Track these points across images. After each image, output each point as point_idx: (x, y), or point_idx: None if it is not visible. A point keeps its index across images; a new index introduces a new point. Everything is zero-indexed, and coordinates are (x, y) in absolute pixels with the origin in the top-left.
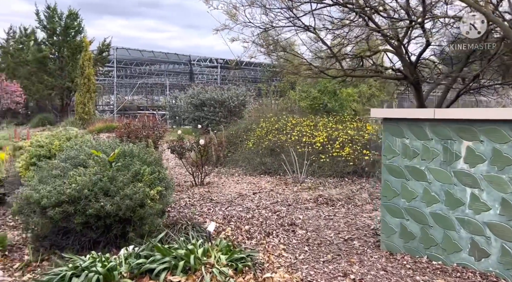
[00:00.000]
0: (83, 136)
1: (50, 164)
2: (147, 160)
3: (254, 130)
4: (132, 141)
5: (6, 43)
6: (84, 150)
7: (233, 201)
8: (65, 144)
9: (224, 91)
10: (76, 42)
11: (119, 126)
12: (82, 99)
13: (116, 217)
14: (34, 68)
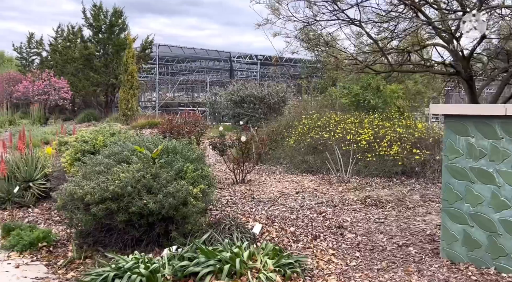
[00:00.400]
0: (126, 132)
1: (94, 160)
2: (190, 157)
3: (296, 127)
4: (174, 137)
5: (55, 41)
6: (127, 146)
7: (275, 200)
8: (109, 139)
9: (264, 87)
10: (120, 40)
11: (161, 123)
12: (126, 96)
13: (159, 215)
14: (81, 65)
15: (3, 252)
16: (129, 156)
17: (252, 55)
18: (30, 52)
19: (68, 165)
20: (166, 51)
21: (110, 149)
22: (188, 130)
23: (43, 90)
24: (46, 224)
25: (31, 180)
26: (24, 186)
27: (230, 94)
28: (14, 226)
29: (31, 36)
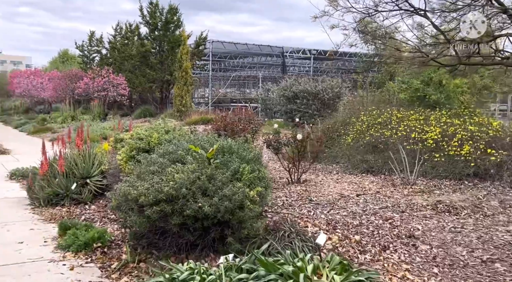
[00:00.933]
0: (181, 129)
1: (149, 159)
2: (247, 157)
3: (353, 125)
4: (228, 134)
5: (114, 39)
6: (182, 145)
7: (335, 203)
8: (163, 137)
9: (318, 83)
10: (175, 37)
11: (215, 119)
12: (180, 92)
13: (214, 219)
14: (137, 62)
15: (59, 251)
16: (183, 156)
17: (305, 50)
18: (91, 50)
19: (123, 162)
20: (219, 47)
21: (164, 148)
22: (242, 128)
23: (102, 87)
24: (101, 222)
25: (88, 176)
26: (82, 183)
27: (283, 90)
28: (71, 225)
29: (92, 35)
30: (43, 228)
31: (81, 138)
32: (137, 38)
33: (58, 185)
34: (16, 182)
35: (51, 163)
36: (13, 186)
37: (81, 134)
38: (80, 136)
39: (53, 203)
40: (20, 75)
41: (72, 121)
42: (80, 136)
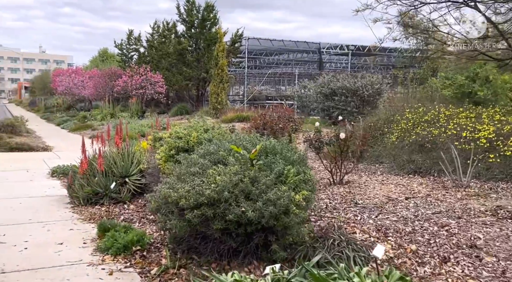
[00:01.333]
0: (220, 128)
1: (189, 160)
2: (291, 158)
3: (397, 122)
4: (268, 133)
5: (151, 37)
6: (223, 145)
7: (382, 206)
8: (203, 136)
9: (357, 79)
10: (211, 34)
11: (253, 117)
12: (216, 90)
13: (258, 225)
14: (174, 60)
15: (98, 254)
16: (225, 156)
17: (343, 45)
18: (130, 49)
19: (162, 162)
20: (255, 44)
21: (205, 148)
22: (282, 126)
23: (140, 85)
24: (140, 223)
25: (127, 175)
26: (120, 182)
27: (320, 86)
28: (110, 226)
29: (130, 33)
30: (83, 228)
31: (120, 137)
32: (174, 36)
33: (97, 184)
34: (57, 179)
35: (91, 161)
36: (54, 183)
37: (120, 133)
38: (119, 134)
39: (92, 202)
40: (62, 74)
41: (111, 118)
42: (119, 134)
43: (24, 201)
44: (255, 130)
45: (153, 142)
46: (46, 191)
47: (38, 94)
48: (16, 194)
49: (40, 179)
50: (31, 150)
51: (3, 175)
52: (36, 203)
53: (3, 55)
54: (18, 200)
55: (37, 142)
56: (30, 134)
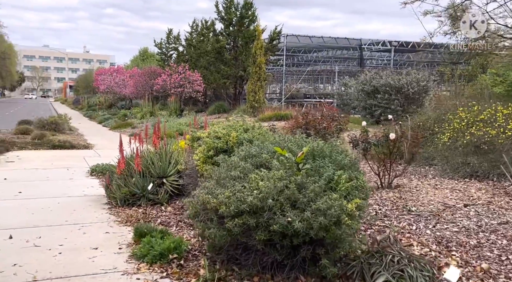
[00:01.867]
0: (260, 127)
1: (229, 162)
2: (342, 162)
3: (449, 122)
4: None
5: (190, 35)
6: (266, 147)
7: (439, 214)
8: (243, 136)
9: (401, 76)
10: (250, 31)
11: (295, 116)
12: (253, 88)
13: (305, 237)
14: (212, 58)
15: (133, 261)
16: (268, 160)
17: (385, 42)
18: (169, 48)
19: (200, 163)
20: (294, 41)
21: (246, 150)
22: (326, 126)
23: (179, 83)
24: (177, 227)
25: (165, 176)
26: (158, 182)
27: (362, 84)
28: (146, 230)
29: (169, 33)
30: (119, 231)
31: (157, 136)
32: (212, 34)
33: (134, 185)
34: (96, 178)
35: (128, 161)
36: (93, 182)
37: (158, 132)
38: (156, 133)
39: (129, 203)
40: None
41: (151, 117)
42: (156, 133)
43: (62, 201)
44: (297, 130)
45: (191, 141)
46: (84, 190)
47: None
48: (55, 193)
49: (80, 177)
50: (73, 147)
51: (44, 174)
52: (74, 203)
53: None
54: (57, 200)
55: (78, 140)
56: (73, 132)
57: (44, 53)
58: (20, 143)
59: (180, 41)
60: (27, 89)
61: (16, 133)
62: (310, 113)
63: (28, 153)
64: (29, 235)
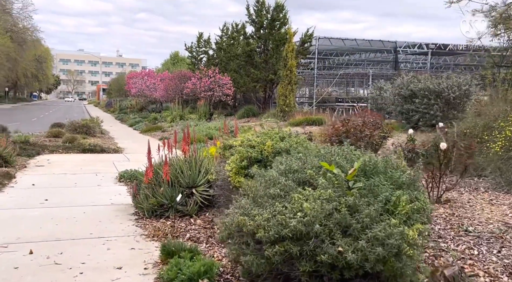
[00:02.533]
0: (298, 136)
1: (267, 178)
2: (399, 180)
3: (501, 129)
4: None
5: (220, 39)
6: (310, 161)
7: (502, 236)
8: (279, 145)
9: (441, 80)
10: (281, 34)
11: (333, 122)
12: (284, 91)
13: (359, 270)
14: (242, 61)
15: None
16: (313, 176)
17: (421, 44)
18: (199, 51)
19: (232, 174)
20: (326, 44)
21: (286, 163)
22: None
23: (209, 87)
24: (208, 243)
25: (194, 185)
26: (187, 193)
27: (398, 88)
28: (174, 249)
29: (200, 36)
30: (145, 247)
31: (187, 143)
32: (242, 37)
33: (162, 195)
34: (124, 185)
35: (156, 169)
36: (121, 189)
37: (188, 138)
38: (186, 140)
39: (157, 215)
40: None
41: (180, 120)
42: (186, 140)
43: (89, 210)
44: (335, 138)
45: (223, 150)
46: (111, 198)
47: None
48: (82, 201)
49: (108, 184)
50: (103, 151)
51: (73, 179)
52: (100, 213)
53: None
54: (83, 209)
55: (109, 143)
56: (104, 135)
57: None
58: (51, 146)
59: (210, 44)
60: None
61: (48, 136)
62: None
63: (58, 157)
64: (50, 250)
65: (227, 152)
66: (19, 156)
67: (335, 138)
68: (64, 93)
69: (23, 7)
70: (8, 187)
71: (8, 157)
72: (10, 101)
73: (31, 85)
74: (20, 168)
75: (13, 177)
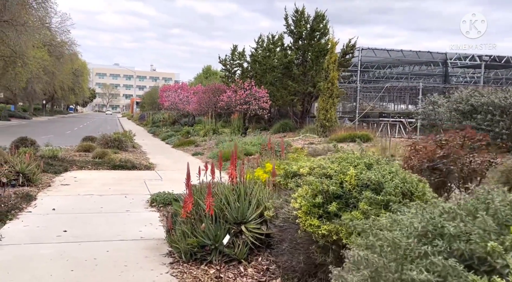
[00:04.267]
0: (389, 162)
1: (392, 241)
2: None
3: None
4: (451, 171)
5: (255, 51)
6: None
7: None
8: (366, 175)
9: (508, 93)
10: (321, 45)
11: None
12: (324, 105)
13: None
14: (279, 74)
15: None
16: (499, 253)
17: (474, 56)
18: (233, 64)
19: (302, 213)
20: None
21: (422, 220)
22: (471, 161)
23: (245, 100)
24: None
25: (243, 221)
26: (235, 230)
27: (456, 103)
28: None
29: (234, 49)
30: None
31: (234, 165)
32: (279, 49)
33: (204, 233)
34: (156, 211)
35: (197, 199)
36: (152, 217)
37: (234, 161)
38: (233, 163)
39: (197, 258)
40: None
41: (214, 134)
42: (233, 163)
43: (113, 248)
44: (426, 164)
45: (284, 178)
46: (141, 229)
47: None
48: (107, 233)
49: (138, 209)
50: (134, 168)
51: (99, 202)
52: (127, 251)
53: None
54: (106, 246)
55: (140, 159)
56: (135, 149)
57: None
58: (80, 162)
59: (245, 57)
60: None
61: (78, 150)
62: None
63: (86, 174)
64: None
65: (291, 182)
66: (45, 173)
67: (428, 165)
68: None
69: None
70: (25, 211)
71: (31, 175)
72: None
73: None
74: (44, 187)
75: (33, 198)
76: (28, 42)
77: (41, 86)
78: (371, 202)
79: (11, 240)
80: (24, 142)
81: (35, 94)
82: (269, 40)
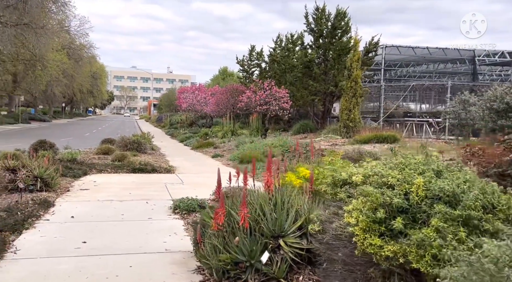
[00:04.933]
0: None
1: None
2: None
3: None
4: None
5: (274, 51)
6: None
7: None
8: (436, 184)
9: None
10: (343, 43)
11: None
12: (347, 105)
13: None
14: (299, 73)
15: None
16: None
17: (504, 52)
18: (251, 65)
19: (359, 230)
20: (394, 53)
21: None
22: None
23: (264, 100)
24: None
25: (281, 234)
26: (272, 245)
27: (489, 101)
28: None
29: (252, 49)
30: None
31: (270, 173)
32: (299, 47)
33: (238, 248)
34: (180, 218)
35: (229, 210)
36: (176, 225)
37: (270, 168)
38: (269, 170)
39: (230, 276)
40: (186, 91)
41: (232, 136)
42: (269, 170)
43: (136, 262)
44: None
45: (332, 187)
46: (165, 240)
47: (164, 111)
48: (129, 245)
49: (160, 216)
50: (154, 171)
51: (119, 208)
52: (151, 267)
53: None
54: (129, 260)
55: (160, 161)
56: (154, 151)
57: (132, 74)
58: (99, 165)
59: (263, 57)
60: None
61: (97, 153)
62: None
63: (106, 178)
64: None
65: (342, 192)
66: (63, 177)
67: (496, 170)
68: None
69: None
70: (42, 220)
71: (50, 180)
72: (66, 116)
73: (86, 100)
74: (63, 192)
75: (51, 205)
76: (47, 45)
77: (61, 89)
78: (446, 218)
79: (27, 252)
80: (43, 144)
81: (54, 97)
82: (287, 39)
